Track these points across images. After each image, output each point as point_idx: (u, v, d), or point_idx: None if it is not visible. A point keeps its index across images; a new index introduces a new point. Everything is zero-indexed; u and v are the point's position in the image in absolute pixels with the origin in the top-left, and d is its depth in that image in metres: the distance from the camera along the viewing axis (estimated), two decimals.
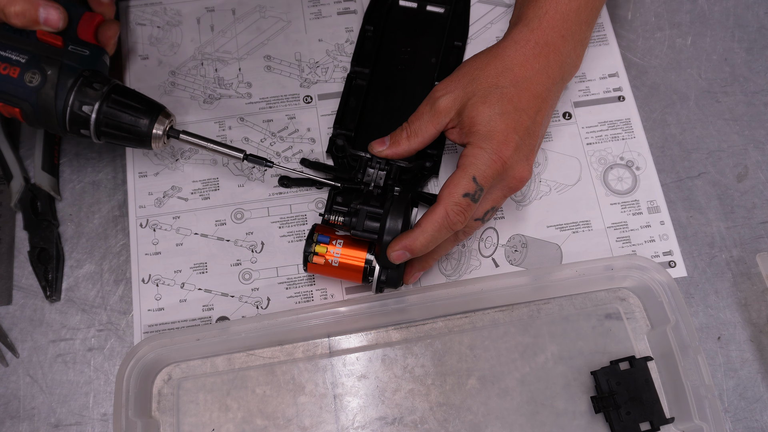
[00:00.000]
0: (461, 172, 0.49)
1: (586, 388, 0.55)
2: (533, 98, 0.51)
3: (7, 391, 0.55)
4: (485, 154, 0.49)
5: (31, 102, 0.50)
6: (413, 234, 0.49)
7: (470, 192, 0.49)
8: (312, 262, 0.53)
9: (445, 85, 0.53)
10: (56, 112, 0.50)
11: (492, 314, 0.57)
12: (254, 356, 0.56)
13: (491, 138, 0.49)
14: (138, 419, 0.51)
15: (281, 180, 0.60)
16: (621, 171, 0.62)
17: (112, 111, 0.50)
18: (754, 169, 0.62)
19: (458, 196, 0.49)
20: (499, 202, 0.53)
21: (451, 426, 0.54)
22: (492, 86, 0.51)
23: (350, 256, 0.53)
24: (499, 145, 0.49)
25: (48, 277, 0.57)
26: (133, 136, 0.51)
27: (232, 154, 0.53)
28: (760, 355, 0.56)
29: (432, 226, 0.49)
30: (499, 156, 0.49)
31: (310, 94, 0.64)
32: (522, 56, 0.52)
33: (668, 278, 0.54)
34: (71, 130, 0.51)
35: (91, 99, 0.50)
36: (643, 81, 0.66)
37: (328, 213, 0.54)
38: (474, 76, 0.52)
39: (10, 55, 0.49)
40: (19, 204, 0.59)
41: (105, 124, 0.51)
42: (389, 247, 0.50)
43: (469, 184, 0.49)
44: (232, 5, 0.67)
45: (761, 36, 0.67)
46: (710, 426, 0.50)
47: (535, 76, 0.51)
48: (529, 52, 0.52)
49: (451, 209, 0.49)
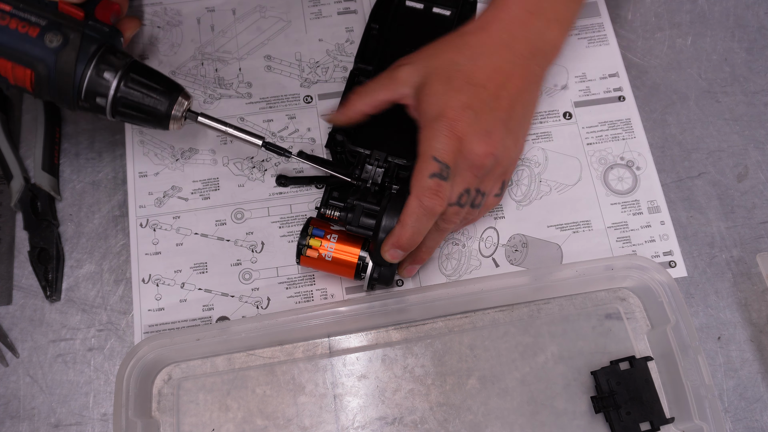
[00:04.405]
0: (421, 157, 0.49)
1: (586, 388, 0.55)
2: (494, 72, 0.50)
3: (7, 391, 0.55)
4: (439, 132, 0.48)
5: (48, 63, 0.47)
6: (396, 231, 0.49)
7: (436, 171, 0.48)
8: (305, 255, 0.53)
9: (408, 58, 0.52)
10: (74, 77, 0.48)
11: (492, 314, 0.57)
12: (254, 356, 0.56)
13: (444, 115, 0.49)
14: (138, 419, 0.51)
15: (279, 179, 0.60)
16: (621, 171, 0.62)
17: (132, 85, 0.49)
18: (754, 169, 0.62)
19: (425, 180, 0.48)
20: (472, 183, 0.51)
21: (451, 426, 0.54)
22: (449, 62, 0.50)
23: (344, 252, 0.53)
24: (451, 122, 0.48)
25: (48, 277, 0.57)
26: (151, 115, 0.49)
27: (251, 141, 0.52)
28: (760, 355, 0.56)
29: (410, 218, 0.49)
30: (453, 132, 0.48)
31: (311, 94, 0.64)
32: (483, 32, 0.51)
33: (668, 278, 0.54)
34: (86, 98, 0.49)
35: (113, 68, 0.48)
36: (643, 81, 0.66)
37: (324, 207, 0.54)
38: (434, 52, 0.52)
39: (30, 17, 0.47)
40: (19, 204, 0.59)
41: (123, 98, 0.49)
42: (382, 248, 0.50)
43: (431, 164, 0.48)
44: (233, 5, 0.67)
45: (761, 36, 0.67)
46: (710, 426, 0.50)
47: (496, 51, 0.51)
48: (491, 28, 0.51)
49: (422, 194, 0.48)
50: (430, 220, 0.49)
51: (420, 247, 0.53)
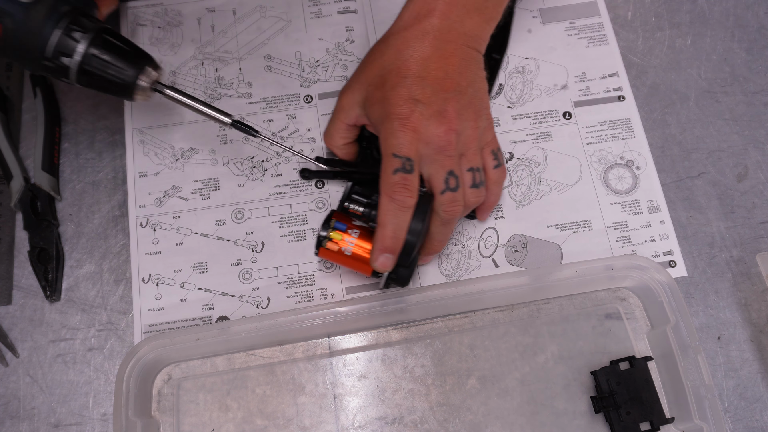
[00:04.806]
0: (384, 157, 0.50)
1: (586, 388, 0.55)
2: (423, 60, 0.50)
3: (7, 391, 0.55)
4: (391, 129, 0.49)
5: (17, 18, 0.46)
6: (378, 234, 0.50)
7: (398, 167, 0.49)
8: (325, 247, 0.53)
9: (346, 85, 0.54)
10: (42, 33, 0.46)
11: (492, 314, 0.57)
12: (254, 356, 0.56)
13: (390, 114, 0.49)
14: (138, 419, 0.51)
15: (303, 172, 0.59)
16: (621, 171, 0.62)
17: (101, 48, 0.47)
18: (754, 169, 0.62)
19: (390, 177, 0.49)
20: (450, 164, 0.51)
21: (451, 426, 0.54)
22: (379, 68, 0.51)
23: (364, 248, 0.52)
24: (399, 117, 0.49)
25: (48, 277, 0.57)
26: (117, 82, 0.48)
27: (218, 117, 0.51)
28: (760, 355, 0.56)
29: (386, 216, 0.49)
30: (404, 125, 0.49)
31: (311, 94, 0.64)
32: (403, 30, 0.51)
33: (668, 278, 0.54)
34: (52, 57, 0.47)
35: (83, 30, 0.47)
36: (643, 81, 0.66)
37: (347, 201, 0.54)
38: (363, 66, 0.53)
39: None
40: (19, 204, 0.59)
41: (90, 61, 0.47)
42: (371, 260, 0.51)
43: (392, 161, 0.49)
44: (233, 5, 0.67)
45: (761, 36, 0.67)
46: (710, 426, 0.50)
47: (419, 41, 0.51)
48: (410, 23, 0.51)
49: (390, 191, 0.49)
50: (406, 214, 0.50)
51: (431, 241, 0.54)
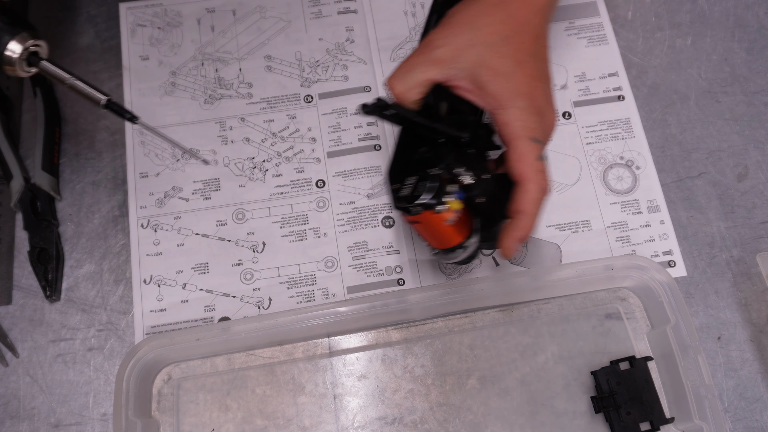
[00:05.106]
0: (521, 141, 0.46)
1: (586, 388, 0.55)
2: (537, 41, 0.48)
3: (7, 391, 0.55)
4: (526, 111, 0.46)
5: None
6: (521, 224, 0.47)
7: (540, 152, 0.46)
8: (434, 212, 0.46)
9: (443, 35, 0.47)
10: None
11: (492, 314, 0.57)
12: (254, 356, 0.56)
13: (522, 92, 0.46)
14: (138, 419, 0.51)
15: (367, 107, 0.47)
16: (621, 170, 0.62)
17: None
18: (754, 169, 0.62)
19: (535, 163, 0.46)
20: None
21: (451, 426, 0.54)
22: (499, 35, 0.47)
23: (465, 221, 0.48)
24: (530, 98, 0.46)
25: (48, 277, 0.57)
26: None
27: (93, 95, 0.47)
28: (760, 355, 0.56)
29: (535, 205, 0.46)
30: (535, 108, 0.46)
31: (311, 94, 0.64)
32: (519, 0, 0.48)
33: (668, 278, 0.54)
34: None
35: None
36: (643, 81, 0.66)
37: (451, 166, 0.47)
38: (474, 25, 0.47)
39: None
40: (19, 204, 0.59)
41: None
42: (505, 244, 0.47)
43: (533, 146, 0.46)
44: (233, 6, 0.67)
45: (761, 36, 0.67)
46: (710, 426, 0.50)
47: (533, 18, 0.48)
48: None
49: (539, 179, 0.46)
50: (545, 202, 0.47)
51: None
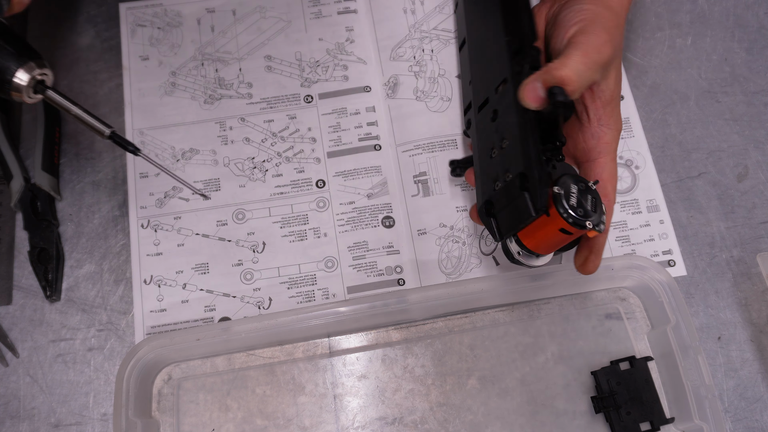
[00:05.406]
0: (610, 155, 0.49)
1: (586, 388, 0.55)
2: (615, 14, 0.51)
3: (7, 391, 0.55)
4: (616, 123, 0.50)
5: None
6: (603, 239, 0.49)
7: None
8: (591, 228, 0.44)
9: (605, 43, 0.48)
10: None
11: (492, 314, 0.57)
12: (254, 356, 0.56)
13: (612, 101, 0.49)
14: (138, 419, 0.51)
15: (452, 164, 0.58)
16: (620, 170, 0.62)
17: None
18: (754, 169, 0.62)
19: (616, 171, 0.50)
20: None
21: (451, 426, 0.54)
22: (618, 49, 0.50)
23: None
24: (616, 109, 0.50)
25: (48, 277, 0.57)
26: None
27: (97, 127, 0.47)
28: (761, 355, 0.56)
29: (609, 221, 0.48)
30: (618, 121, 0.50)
31: (311, 94, 0.64)
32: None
33: (668, 278, 0.54)
34: None
35: None
36: (643, 81, 0.66)
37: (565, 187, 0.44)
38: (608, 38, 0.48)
39: None
40: (19, 204, 0.59)
41: None
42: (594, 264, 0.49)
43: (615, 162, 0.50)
44: (233, 6, 0.67)
45: (761, 36, 0.67)
46: (710, 426, 0.50)
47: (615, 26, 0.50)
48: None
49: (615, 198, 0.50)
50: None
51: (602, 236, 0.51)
